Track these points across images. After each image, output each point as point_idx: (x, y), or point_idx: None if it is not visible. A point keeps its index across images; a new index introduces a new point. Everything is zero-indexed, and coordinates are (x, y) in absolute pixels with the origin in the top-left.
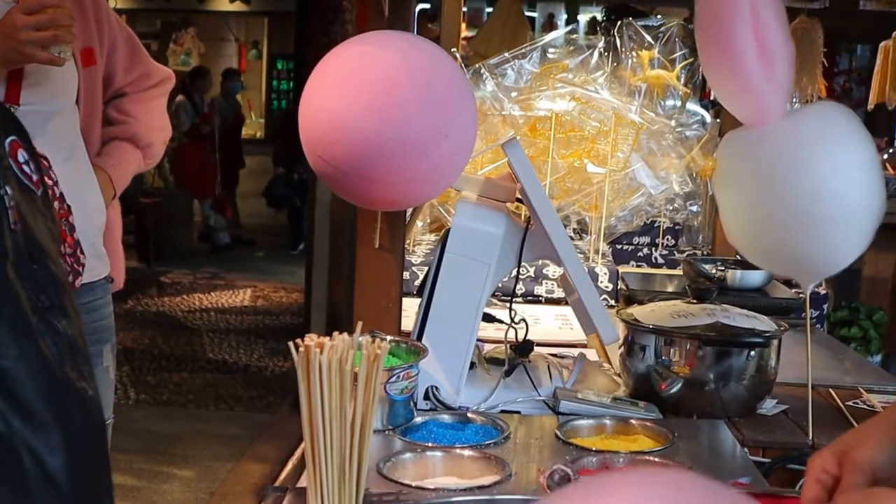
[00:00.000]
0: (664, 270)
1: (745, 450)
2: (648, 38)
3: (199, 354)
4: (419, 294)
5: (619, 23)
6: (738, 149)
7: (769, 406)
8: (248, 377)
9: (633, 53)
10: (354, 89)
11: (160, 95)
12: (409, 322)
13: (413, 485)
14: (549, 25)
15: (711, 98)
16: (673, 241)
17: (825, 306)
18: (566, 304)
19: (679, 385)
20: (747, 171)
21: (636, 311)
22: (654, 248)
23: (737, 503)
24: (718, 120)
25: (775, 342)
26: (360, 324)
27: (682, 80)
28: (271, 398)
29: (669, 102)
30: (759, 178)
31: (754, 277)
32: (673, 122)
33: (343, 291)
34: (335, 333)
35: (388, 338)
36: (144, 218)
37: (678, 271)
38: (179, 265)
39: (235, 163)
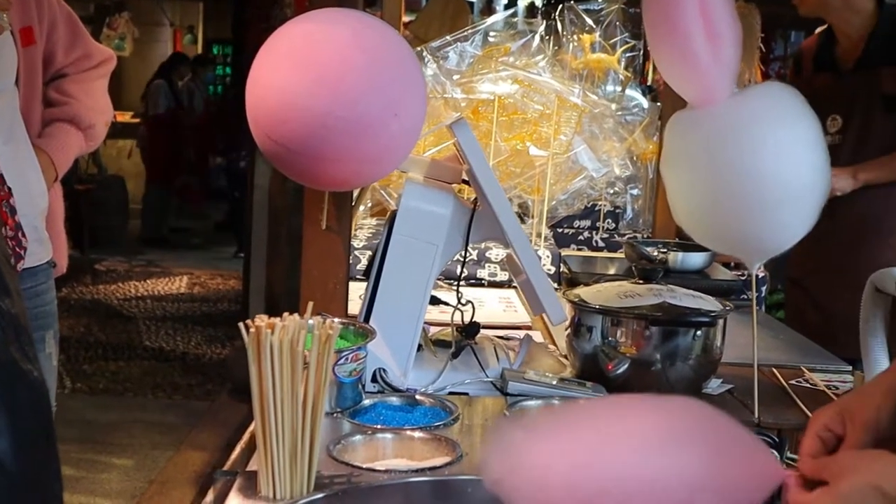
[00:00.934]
0: (605, 253)
1: None
2: (589, 21)
3: (135, 342)
4: (366, 276)
5: (560, 6)
6: (685, 129)
7: (714, 385)
8: (186, 365)
9: (574, 37)
10: (304, 67)
11: (101, 76)
12: (353, 306)
13: (364, 466)
14: (488, 10)
15: (649, 83)
16: (613, 225)
17: (763, 289)
18: (509, 287)
19: (626, 365)
20: (694, 151)
21: (583, 291)
22: (594, 232)
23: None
24: (659, 104)
25: (721, 322)
26: (310, 304)
27: (623, 64)
28: (210, 386)
29: (609, 87)
30: (705, 158)
31: (695, 259)
32: (614, 106)
33: (281, 278)
34: (285, 314)
35: (337, 320)
36: (79, 205)
37: (619, 254)
38: (114, 252)
39: (206, 151)
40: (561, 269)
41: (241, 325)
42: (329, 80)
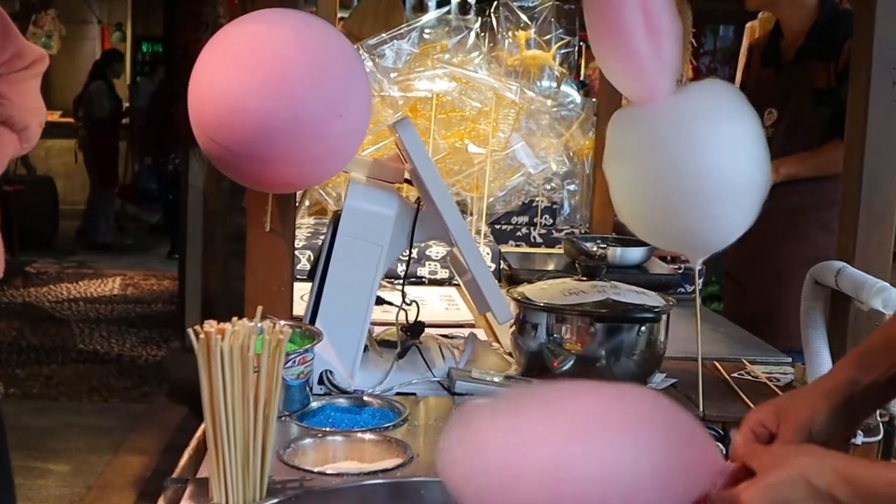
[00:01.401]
0: (543, 249)
1: None
2: (524, 17)
3: (69, 345)
4: (310, 278)
5: (495, 3)
6: (627, 127)
7: (658, 380)
8: (122, 367)
9: (509, 34)
10: (248, 69)
11: (34, 76)
12: (295, 307)
13: (315, 471)
14: (420, 6)
15: (581, 79)
16: (551, 220)
17: (700, 281)
18: (450, 284)
19: (571, 362)
20: (637, 148)
21: (527, 289)
22: (532, 228)
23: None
24: (594, 99)
25: (664, 317)
26: (259, 308)
27: (558, 60)
28: (146, 388)
29: (545, 83)
30: (648, 155)
31: (634, 254)
32: (549, 102)
33: (218, 278)
34: (234, 319)
35: (283, 322)
36: (8, 206)
37: (558, 250)
38: (45, 254)
39: (148, 152)
40: (501, 266)
41: (189, 331)
42: (273, 82)
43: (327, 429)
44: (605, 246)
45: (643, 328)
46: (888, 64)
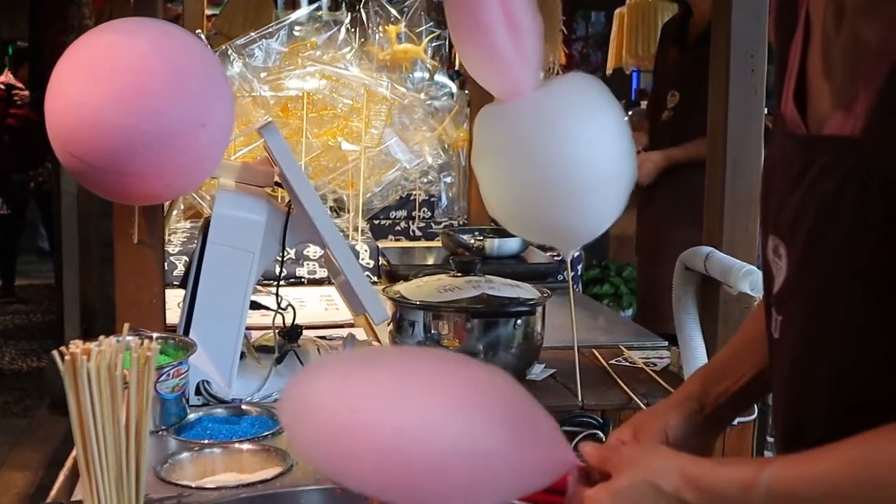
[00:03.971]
0: (423, 243)
1: None
2: (394, 12)
3: None
4: (182, 286)
5: None
6: (494, 123)
7: (538, 371)
8: (1, 381)
9: (380, 28)
10: (105, 80)
11: None
12: (171, 315)
13: (193, 486)
14: (291, 3)
15: (457, 69)
16: (429, 213)
17: (579, 267)
18: (329, 283)
19: None
20: (503, 145)
21: (402, 287)
22: (411, 221)
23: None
24: (467, 91)
25: (540, 309)
26: (125, 325)
27: (430, 53)
28: (28, 401)
29: (418, 75)
30: (515, 151)
31: (511, 245)
32: (423, 95)
33: (94, 286)
34: (101, 338)
35: (154, 335)
36: None
37: (437, 243)
38: None
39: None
40: (380, 263)
41: (54, 353)
42: (131, 93)
43: (205, 441)
44: (482, 238)
45: (519, 321)
46: (746, 51)
